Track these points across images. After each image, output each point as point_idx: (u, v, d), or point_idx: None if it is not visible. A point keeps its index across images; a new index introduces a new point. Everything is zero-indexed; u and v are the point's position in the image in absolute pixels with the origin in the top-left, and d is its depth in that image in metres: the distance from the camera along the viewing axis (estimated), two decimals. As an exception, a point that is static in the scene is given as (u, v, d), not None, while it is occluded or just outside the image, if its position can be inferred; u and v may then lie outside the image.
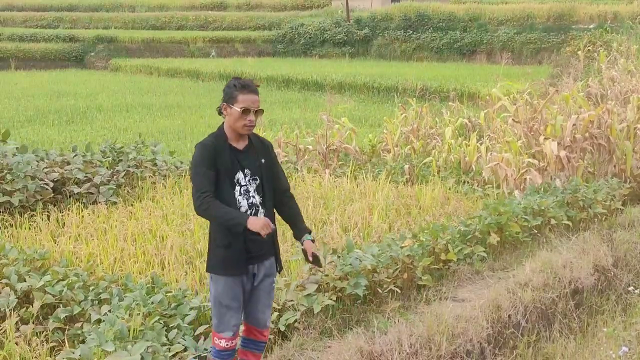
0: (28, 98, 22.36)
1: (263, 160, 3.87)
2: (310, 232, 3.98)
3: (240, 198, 3.77)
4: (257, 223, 3.60)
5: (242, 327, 4.10)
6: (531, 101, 11.26)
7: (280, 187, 3.97)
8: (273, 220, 3.91)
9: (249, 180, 3.81)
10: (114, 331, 3.97)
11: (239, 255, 3.75)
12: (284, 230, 6.75)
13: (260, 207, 3.83)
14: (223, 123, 3.85)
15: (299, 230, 3.98)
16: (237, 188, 3.77)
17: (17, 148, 8.26)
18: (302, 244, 3.96)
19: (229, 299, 3.79)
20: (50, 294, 4.92)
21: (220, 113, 3.83)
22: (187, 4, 50.68)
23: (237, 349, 3.99)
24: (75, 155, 8.68)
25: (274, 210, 3.98)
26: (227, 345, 3.85)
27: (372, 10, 41.83)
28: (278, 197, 3.97)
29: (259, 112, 3.78)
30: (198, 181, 3.70)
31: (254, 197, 3.81)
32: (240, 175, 3.78)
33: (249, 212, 3.78)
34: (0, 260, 5.56)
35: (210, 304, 3.96)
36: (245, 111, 3.72)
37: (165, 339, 4.26)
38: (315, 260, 3.97)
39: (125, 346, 3.88)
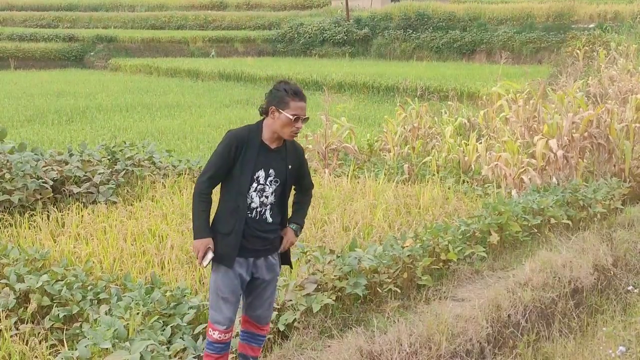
0: (27, 98, 22.34)
1: (290, 166, 3.90)
2: (300, 227, 4.02)
3: (254, 194, 3.80)
4: (198, 248, 3.71)
5: (239, 320, 4.10)
6: (530, 101, 11.26)
7: (303, 186, 4.08)
8: (283, 222, 3.94)
9: (270, 181, 3.83)
10: (112, 331, 3.97)
11: (234, 246, 3.76)
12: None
13: (268, 207, 3.84)
14: (264, 119, 3.85)
15: (290, 221, 4.02)
16: (254, 185, 3.80)
17: (13, 147, 8.22)
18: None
19: (227, 291, 3.81)
20: (49, 293, 4.91)
21: (263, 113, 3.83)
22: (186, 3, 50.68)
23: (230, 344, 3.96)
24: (71, 155, 8.65)
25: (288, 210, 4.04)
26: (219, 337, 3.85)
27: (371, 10, 41.84)
28: (299, 193, 4.12)
29: (305, 119, 3.83)
30: (208, 165, 3.82)
31: (267, 197, 3.84)
32: (261, 173, 3.81)
33: (258, 209, 3.82)
34: (1, 260, 5.56)
35: (209, 294, 3.96)
36: (296, 119, 3.76)
37: (164, 337, 4.25)
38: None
39: (125, 345, 3.87)
